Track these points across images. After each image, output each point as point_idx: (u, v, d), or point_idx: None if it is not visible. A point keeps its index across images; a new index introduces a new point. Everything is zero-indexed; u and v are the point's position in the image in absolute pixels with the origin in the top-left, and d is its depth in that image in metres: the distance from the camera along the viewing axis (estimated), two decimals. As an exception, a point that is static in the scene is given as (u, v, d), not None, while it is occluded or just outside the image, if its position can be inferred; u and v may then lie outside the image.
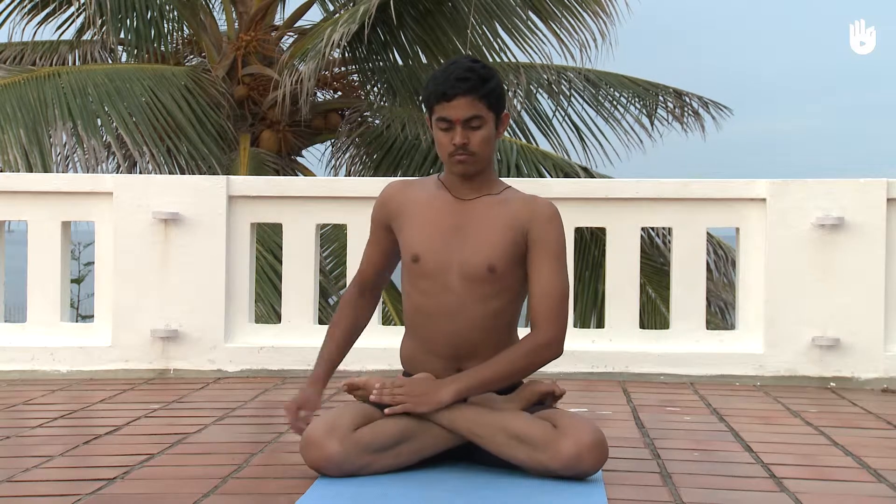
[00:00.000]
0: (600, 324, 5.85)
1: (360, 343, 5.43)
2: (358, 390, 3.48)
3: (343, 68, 11.34)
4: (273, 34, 11.17)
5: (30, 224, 5.65)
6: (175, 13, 10.84)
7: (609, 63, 11.08)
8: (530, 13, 10.76)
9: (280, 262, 7.38)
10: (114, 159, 10.41)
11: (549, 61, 10.90)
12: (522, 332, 3.46)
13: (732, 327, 6.15)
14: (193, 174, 9.67)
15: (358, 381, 3.49)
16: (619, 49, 10.87)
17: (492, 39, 10.74)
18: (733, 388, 5.24)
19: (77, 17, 11.07)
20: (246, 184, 5.69)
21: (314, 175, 11.08)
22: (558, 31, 10.72)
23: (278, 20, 11.40)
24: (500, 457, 3.27)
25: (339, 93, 11.53)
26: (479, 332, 3.36)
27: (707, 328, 5.58)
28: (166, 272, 5.50)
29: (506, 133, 11.23)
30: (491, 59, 10.70)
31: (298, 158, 11.34)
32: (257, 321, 5.95)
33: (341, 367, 5.43)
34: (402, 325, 3.56)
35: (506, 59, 10.85)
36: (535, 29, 10.78)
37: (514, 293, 3.39)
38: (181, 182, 5.83)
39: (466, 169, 3.35)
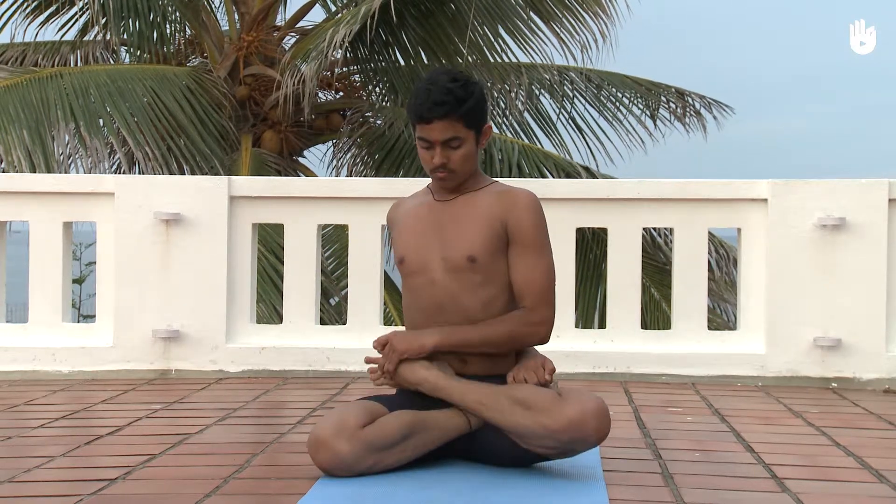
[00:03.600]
0: (602, 324, 5.85)
1: (360, 343, 5.47)
2: (375, 365, 3.48)
3: (345, 69, 11.35)
4: (275, 34, 11.17)
5: (31, 224, 5.65)
6: (177, 14, 10.84)
7: (611, 63, 11.09)
8: (531, 14, 10.74)
9: (281, 263, 7.38)
10: (116, 159, 10.42)
11: (551, 61, 10.88)
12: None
13: (734, 325, 6.15)
14: (195, 174, 9.67)
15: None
16: (621, 49, 10.86)
17: (493, 40, 10.72)
18: (735, 388, 5.24)
19: (79, 17, 11.09)
20: (247, 184, 5.69)
21: (315, 175, 11.08)
22: (559, 32, 10.70)
23: (280, 21, 11.41)
24: (506, 425, 3.27)
25: (341, 93, 11.54)
26: (474, 322, 3.40)
27: (709, 328, 5.58)
28: (168, 272, 5.50)
29: (508, 133, 11.24)
30: (492, 60, 10.69)
31: (300, 159, 11.34)
32: (259, 322, 5.95)
33: (343, 366, 5.48)
34: (404, 325, 3.57)
35: (507, 60, 10.83)
36: (536, 29, 10.76)
37: (503, 282, 3.44)
38: (182, 182, 5.83)
39: (447, 185, 3.47)
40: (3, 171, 9.31)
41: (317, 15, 11.75)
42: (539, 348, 3.52)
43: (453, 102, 3.34)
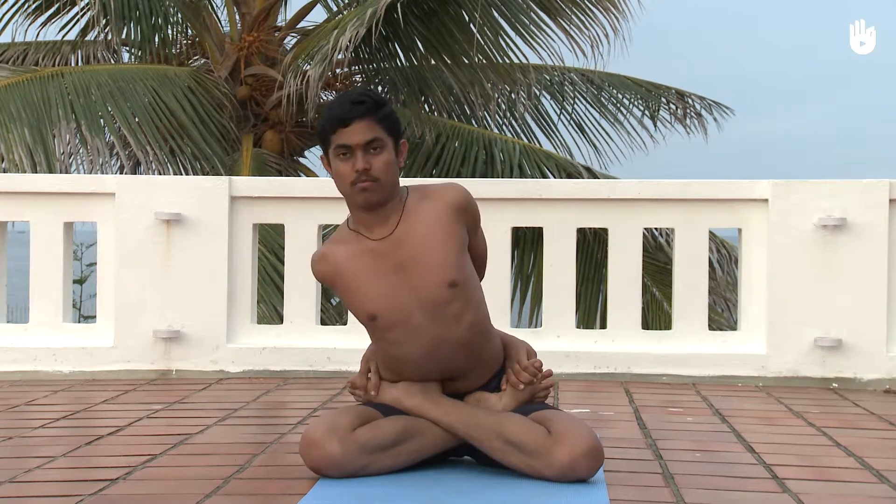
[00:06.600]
0: (603, 324, 5.85)
1: (361, 344, 5.46)
2: (358, 390, 3.47)
3: (347, 69, 11.34)
4: (276, 35, 11.17)
5: (32, 225, 5.65)
6: (178, 15, 10.84)
7: (622, 61, 11.02)
8: (537, 10, 10.64)
9: (282, 263, 7.39)
10: (118, 159, 10.42)
11: (560, 60, 10.80)
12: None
13: (735, 325, 6.14)
14: (196, 174, 9.67)
15: (359, 381, 3.48)
16: (623, 50, 10.80)
17: (498, 38, 10.65)
18: (735, 388, 5.24)
19: (80, 17, 11.09)
20: (248, 184, 5.69)
21: (316, 176, 11.08)
22: (568, 29, 10.59)
23: (281, 21, 11.41)
24: (497, 461, 3.28)
25: (343, 93, 11.52)
26: (465, 351, 3.35)
27: (711, 327, 5.57)
28: (168, 273, 5.50)
29: (509, 133, 11.22)
30: (496, 59, 10.65)
31: (301, 159, 11.34)
32: (259, 322, 5.95)
33: (344, 367, 5.48)
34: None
35: (512, 58, 10.79)
36: (542, 26, 10.67)
37: (476, 297, 3.36)
38: (183, 183, 5.83)
39: (370, 197, 3.25)
40: (5, 170, 9.32)
41: (318, 15, 11.76)
42: (539, 350, 3.51)
43: (372, 103, 3.25)
